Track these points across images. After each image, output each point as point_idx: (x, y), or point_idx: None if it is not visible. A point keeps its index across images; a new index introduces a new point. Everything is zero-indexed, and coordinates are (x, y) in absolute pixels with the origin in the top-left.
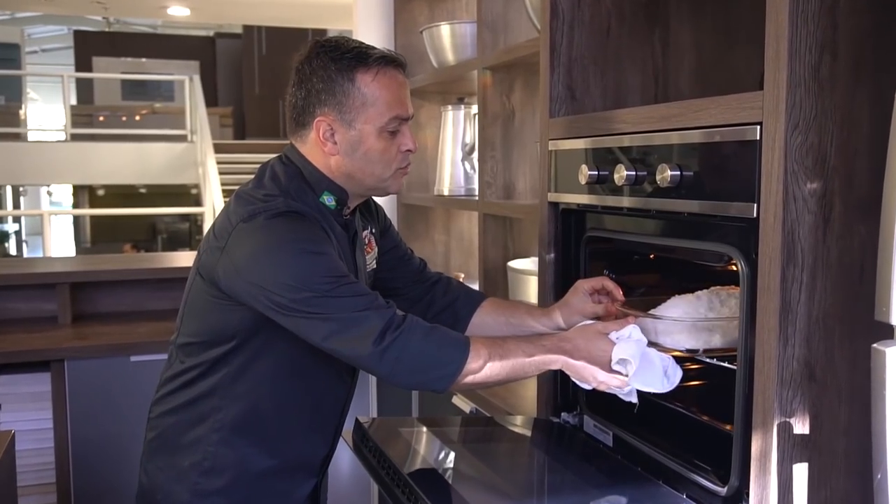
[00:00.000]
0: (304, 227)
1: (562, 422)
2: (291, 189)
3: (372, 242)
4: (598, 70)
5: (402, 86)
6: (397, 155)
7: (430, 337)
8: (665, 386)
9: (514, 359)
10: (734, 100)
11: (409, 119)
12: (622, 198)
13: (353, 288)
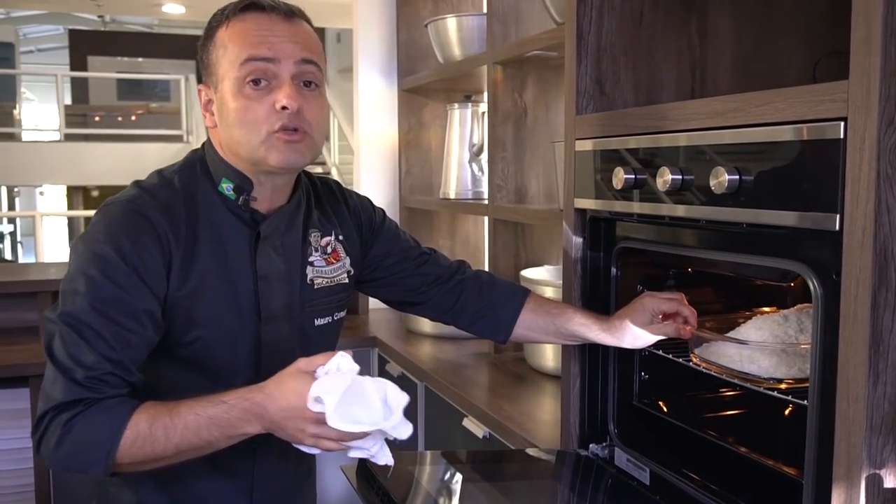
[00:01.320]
0: (118, 224)
1: (590, 454)
2: (177, 179)
3: (338, 252)
4: (629, 61)
5: (261, 25)
6: (269, 115)
7: (69, 437)
8: (387, 416)
9: (189, 423)
10: (809, 91)
11: (274, 61)
12: (664, 205)
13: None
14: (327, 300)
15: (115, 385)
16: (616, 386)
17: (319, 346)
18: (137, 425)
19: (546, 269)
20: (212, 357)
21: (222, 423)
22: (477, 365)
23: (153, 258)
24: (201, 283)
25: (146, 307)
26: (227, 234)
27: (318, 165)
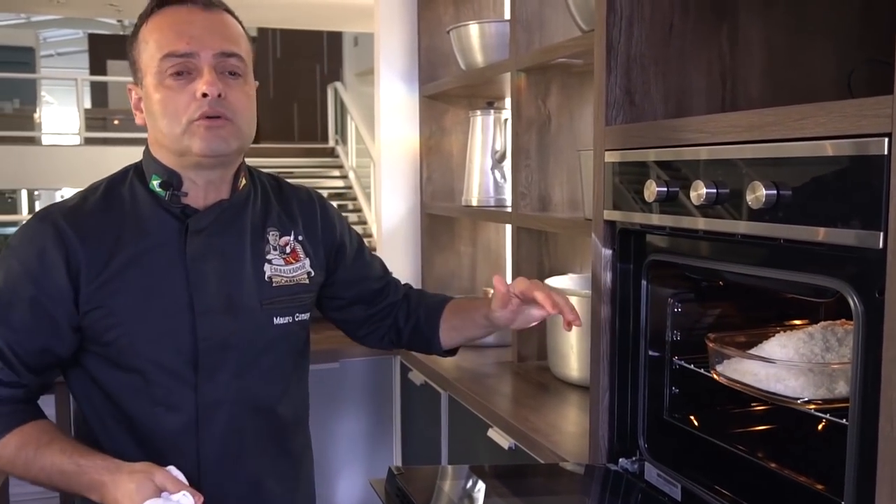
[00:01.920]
0: (25, 235)
1: (619, 469)
2: (108, 182)
3: (297, 252)
4: (658, 71)
5: (180, 20)
6: (190, 104)
7: None
8: None
9: (46, 466)
10: (850, 106)
11: (192, 56)
12: (698, 219)
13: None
14: (287, 299)
15: (6, 383)
16: (646, 400)
17: (281, 347)
18: (6, 446)
19: (570, 277)
20: (137, 355)
21: (70, 481)
22: (500, 374)
23: (56, 266)
24: (119, 280)
25: (46, 316)
26: (155, 230)
27: (334, 169)
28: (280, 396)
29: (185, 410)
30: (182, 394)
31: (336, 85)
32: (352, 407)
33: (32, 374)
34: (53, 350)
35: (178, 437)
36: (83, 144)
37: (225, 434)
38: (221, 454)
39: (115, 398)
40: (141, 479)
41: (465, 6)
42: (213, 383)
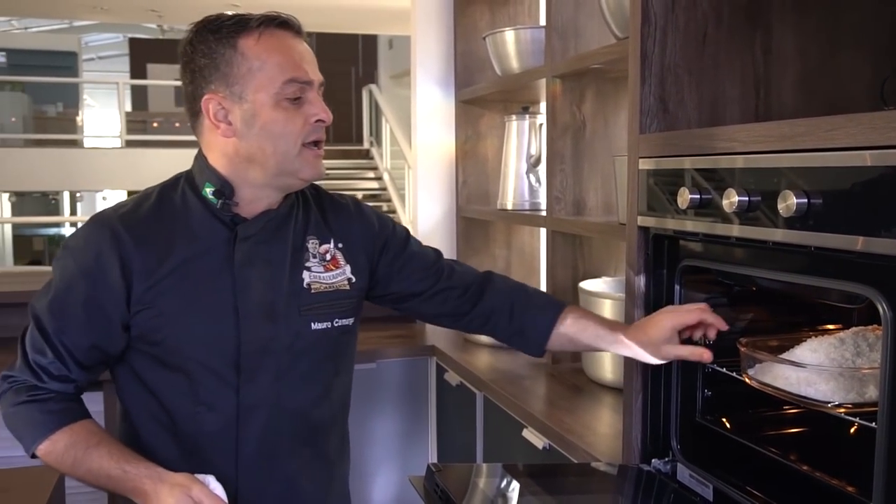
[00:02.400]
0: (83, 237)
1: (652, 469)
2: (160, 188)
3: (338, 259)
4: (692, 80)
5: (294, 47)
6: (304, 127)
7: (14, 412)
8: None
9: (93, 469)
10: (880, 118)
11: (311, 84)
12: (732, 226)
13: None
14: (325, 305)
15: (57, 377)
16: (679, 402)
17: (319, 351)
18: (56, 443)
19: (604, 280)
20: (183, 355)
21: (115, 485)
22: (535, 375)
23: (111, 267)
24: (169, 282)
25: (99, 313)
26: (205, 235)
27: (369, 170)
28: (317, 400)
29: (225, 411)
30: (224, 395)
31: (371, 87)
32: (388, 406)
33: (82, 369)
34: (103, 347)
35: (218, 436)
36: (124, 147)
37: (262, 435)
38: (258, 455)
39: (158, 396)
40: (179, 494)
41: (500, 12)
42: (253, 385)
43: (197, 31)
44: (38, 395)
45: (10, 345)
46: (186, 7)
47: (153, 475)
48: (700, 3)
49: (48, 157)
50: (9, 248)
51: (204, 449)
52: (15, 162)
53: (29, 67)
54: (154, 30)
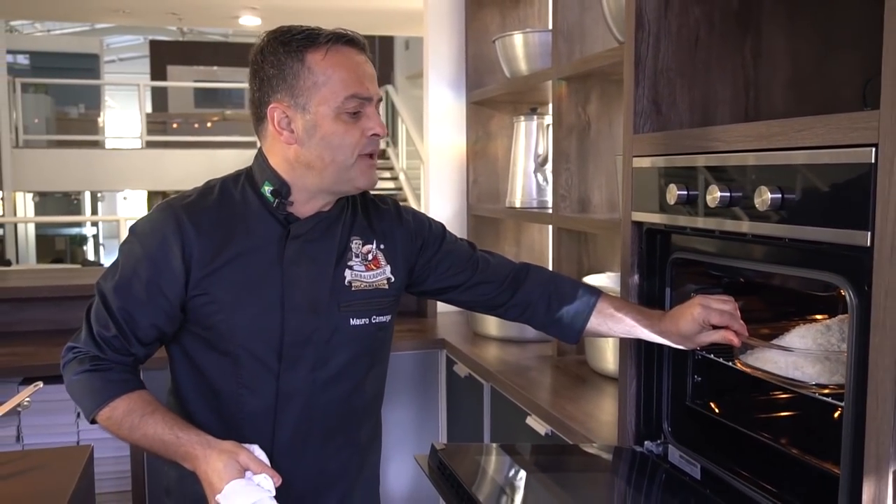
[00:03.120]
0: (151, 222)
1: (645, 451)
2: (222, 183)
3: (378, 259)
4: (684, 83)
5: (358, 64)
6: (361, 139)
7: (77, 380)
8: None
9: (148, 434)
10: (844, 119)
11: (370, 100)
12: (714, 220)
13: (112, 305)
14: (364, 302)
15: (118, 350)
16: (670, 388)
17: (356, 346)
18: (114, 409)
19: (608, 276)
20: (232, 341)
21: (168, 449)
22: (540, 367)
23: (174, 252)
24: (224, 272)
25: (159, 294)
26: (260, 231)
27: (385, 170)
28: (351, 391)
29: (266, 395)
30: (265, 380)
31: (387, 88)
32: (400, 397)
33: (141, 345)
34: (161, 327)
35: (257, 418)
36: (144, 148)
37: (298, 421)
38: (292, 438)
39: (206, 376)
40: (227, 459)
41: (510, 16)
42: (292, 374)
43: (268, 41)
44: (100, 366)
45: (38, 337)
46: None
47: (203, 441)
48: (692, 10)
49: (71, 158)
50: (32, 247)
51: (243, 428)
52: (38, 162)
53: (52, 70)
54: (174, 32)
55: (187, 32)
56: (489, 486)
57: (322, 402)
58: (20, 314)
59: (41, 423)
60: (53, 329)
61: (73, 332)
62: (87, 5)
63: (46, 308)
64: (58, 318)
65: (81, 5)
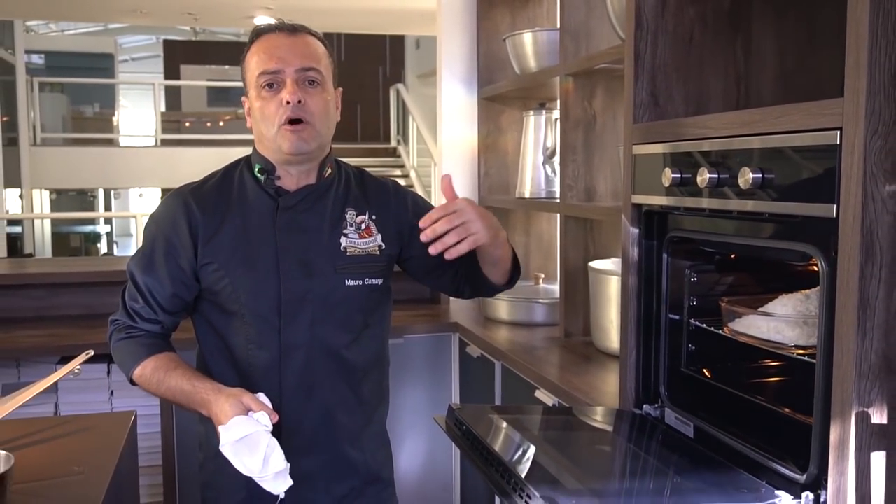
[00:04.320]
0: (163, 207)
1: (643, 414)
2: (224, 169)
3: (371, 228)
4: (680, 77)
5: (272, 45)
6: (278, 109)
7: (116, 346)
8: (262, 470)
9: (171, 386)
10: (815, 106)
11: (279, 72)
12: (704, 199)
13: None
14: (358, 266)
15: (147, 319)
16: (667, 356)
17: (351, 304)
18: (145, 368)
19: (613, 261)
20: (238, 302)
21: (187, 397)
22: (549, 347)
23: (182, 229)
24: (227, 242)
25: (176, 266)
26: (255, 205)
27: (396, 168)
28: (348, 344)
29: (271, 349)
30: (269, 335)
31: (398, 86)
32: (415, 377)
33: (166, 313)
34: (181, 295)
35: (266, 370)
36: (158, 146)
37: (302, 370)
38: (298, 386)
39: (221, 335)
40: (233, 400)
41: (520, 15)
42: (292, 328)
43: None
44: (133, 333)
45: (72, 321)
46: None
47: (214, 388)
48: (687, 10)
49: (87, 156)
50: (49, 244)
51: (255, 379)
52: (56, 160)
53: (66, 69)
54: (187, 32)
55: (200, 32)
56: (503, 440)
57: (321, 353)
58: (55, 299)
59: (77, 399)
60: (86, 313)
61: (104, 316)
62: (105, 5)
63: (79, 293)
64: (89, 303)
65: (99, 5)
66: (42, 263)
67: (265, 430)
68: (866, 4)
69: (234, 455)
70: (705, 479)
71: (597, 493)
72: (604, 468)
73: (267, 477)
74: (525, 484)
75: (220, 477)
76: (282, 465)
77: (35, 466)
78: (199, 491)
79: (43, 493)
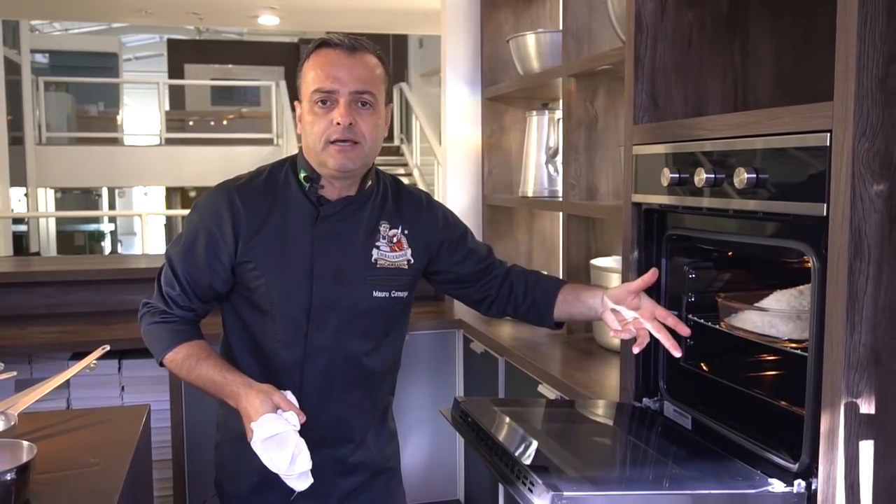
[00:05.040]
0: (209, 199)
1: (643, 406)
2: (270, 168)
3: (402, 242)
4: (679, 79)
5: (329, 63)
6: (328, 127)
7: (149, 329)
8: (289, 468)
9: (202, 374)
10: (806, 109)
11: (334, 92)
12: (702, 198)
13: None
14: (386, 278)
15: (181, 306)
16: (666, 351)
17: (375, 314)
18: (177, 353)
19: (614, 259)
20: (270, 302)
21: (217, 388)
22: (551, 343)
23: (226, 224)
24: (266, 242)
25: (216, 259)
26: (296, 210)
27: (399, 167)
28: (369, 352)
29: (296, 350)
30: (296, 336)
31: (401, 85)
32: (421, 373)
33: (200, 302)
34: (216, 287)
35: (289, 369)
36: (163, 145)
37: (323, 373)
38: (318, 388)
39: (250, 330)
40: (263, 397)
41: (523, 16)
42: (319, 333)
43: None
44: (167, 318)
45: (84, 318)
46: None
47: (246, 383)
48: (686, 14)
49: (92, 155)
50: (53, 243)
51: (278, 376)
52: (61, 159)
53: (71, 68)
54: (191, 31)
55: (204, 31)
56: (506, 431)
57: (343, 358)
58: (66, 296)
59: (89, 395)
60: (97, 310)
61: (115, 313)
62: (109, 5)
63: (89, 291)
64: (100, 300)
65: (104, 5)
66: (50, 262)
67: (294, 430)
68: (854, 13)
69: (263, 451)
70: (702, 469)
71: (597, 481)
72: (604, 458)
73: (292, 476)
74: (528, 471)
75: (236, 460)
76: (307, 466)
77: (54, 457)
78: (212, 471)
79: (62, 484)
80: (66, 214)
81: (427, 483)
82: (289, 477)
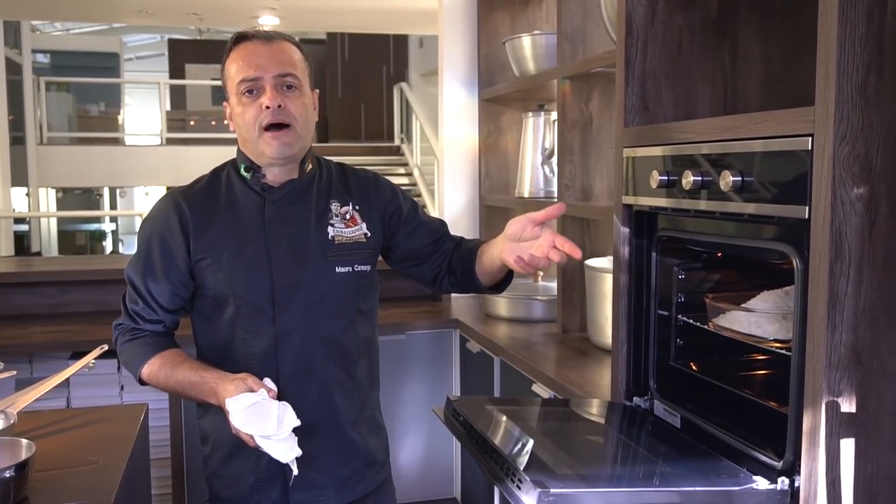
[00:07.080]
0: (155, 209)
1: (634, 405)
2: (212, 171)
3: (356, 218)
4: (669, 83)
5: (250, 53)
6: (259, 114)
7: (122, 349)
8: (278, 429)
9: (180, 379)
10: (789, 114)
11: (258, 79)
12: (689, 200)
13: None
14: (347, 253)
15: (149, 320)
16: (656, 350)
17: (343, 290)
18: (152, 365)
19: (609, 259)
20: (232, 294)
21: (195, 388)
22: (546, 342)
23: (175, 227)
24: (218, 237)
25: (172, 264)
26: (244, 201)
27: (400, 167)
28: (343, 329)
29: (266, 336)
30: (264, 323)
31: (402, 85)
32: (418, 372)
33: (167, 312)
34: (179, 293)
35: (262, 356)
36: (164, 145)
37: (297, 355)
38: (295, 370)
39: (218, 327)
40: (238, 382)
41: (520, 18)
42: (286, 316)
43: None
44: (137, 335)
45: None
46: (226, 10)
47: (221, 376)
48: (676, 18)
49: (93, 155)
50: (55, 242)
51: (253, 366)
52: (62, 159)
53: (72, 68)
54: (192, 31)
55: (205, 31)
56: (498, 430)
57: (316, 337)
58: (66, 296)
59: (88, 394)
60: (97, 310)
61: (115, 313)
62: (110, 6)
63: (90, 291)
64: (100, 300)
65: (105, 6)
66: (51, 262)
67: (269, 398)
68: (834, 20)
69: (245, 423)
70: (689, 466)
71: (585, 478)
72: (594, 456)
73: (283, 435)
74: (517, 469)
75: (228, 467)
76: (296, 422)
77: (52, 455)
78: (206, 484)
79: (60, 481)
80: (68, 214)
81: (424, 481)
82: (280, 439)
